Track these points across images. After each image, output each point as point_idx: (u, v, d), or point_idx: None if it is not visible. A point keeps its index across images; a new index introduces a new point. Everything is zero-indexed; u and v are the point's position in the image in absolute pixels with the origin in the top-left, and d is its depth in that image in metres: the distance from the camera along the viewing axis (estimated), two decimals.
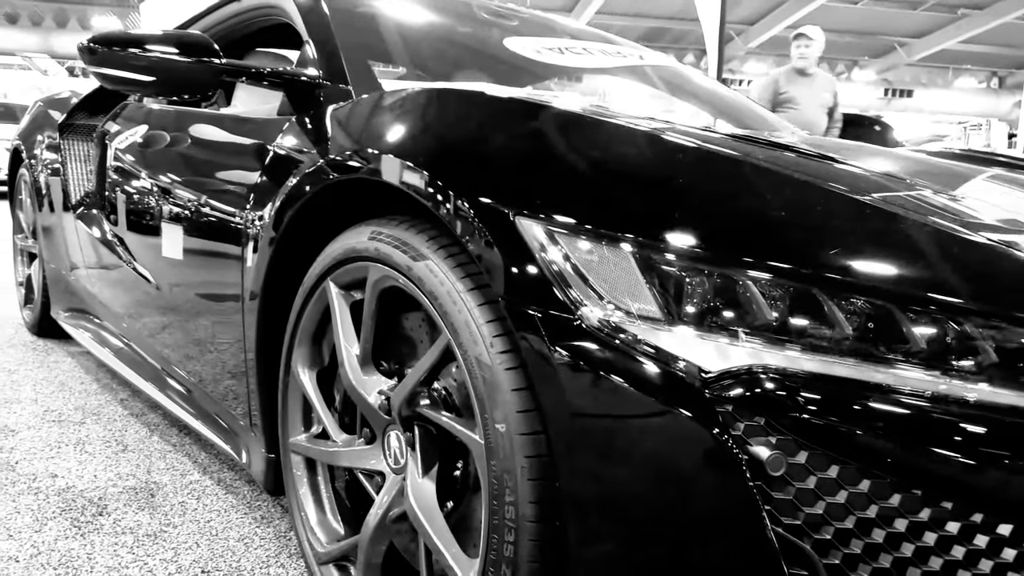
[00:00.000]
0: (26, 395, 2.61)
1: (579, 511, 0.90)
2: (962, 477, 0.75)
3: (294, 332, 1.39)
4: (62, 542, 1.66)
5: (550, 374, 0.90)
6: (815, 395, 0.79)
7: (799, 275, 0.83)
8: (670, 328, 0.85)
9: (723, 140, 1.10)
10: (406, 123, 1.25)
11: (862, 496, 0.77)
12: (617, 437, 0.86)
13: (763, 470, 0.79)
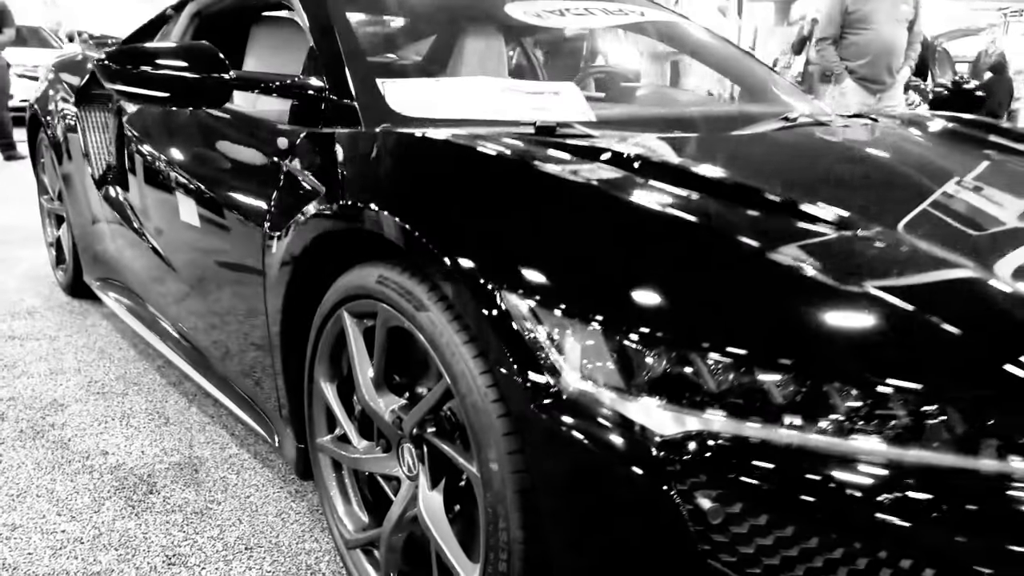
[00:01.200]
0: (69, 364, 2.80)
1: (558, 540, 1.07)
2: (864, 522, 0.90)
3: (314, 351, 1.54)
4: (119, 522, 1.86)
5: (531, 428, 1.04)
6: (749, 457, 0.93)
7: (738, 356, 0.95)
8: (630, 397, 0.98)
9: (687, 203, 1.20)
10: (408, 180, 1.35)
11: (786, 538, 0.92)
12: (584, 485, 1.02)
13: (704, 517, 0.94)
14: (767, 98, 2.41)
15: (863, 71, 4.56)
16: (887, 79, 4.58)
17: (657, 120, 1.82)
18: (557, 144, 1.44)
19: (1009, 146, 1.99)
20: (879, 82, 4.57)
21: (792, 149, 1.67)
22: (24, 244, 4.57)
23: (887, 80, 4.58)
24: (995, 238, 1.31)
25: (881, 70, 4.57)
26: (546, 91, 1.84)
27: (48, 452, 2.18)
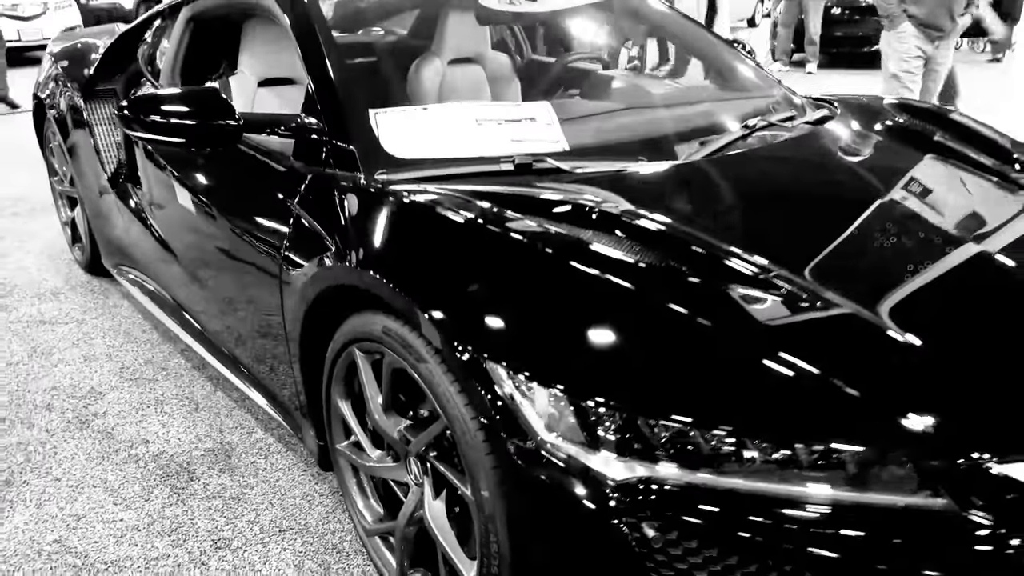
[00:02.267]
0: (100, 350, 3.06)
1: (536, 555, 1.35)
2: (765, 544, 1.17)
3: (330, 375, 1.79)
4: (168, 509, 2.16)
5: (512, 468, 1.30)
6: (682, 496, 1.20)
7: (674, 419, 1.21)
8: (588, 450, 1.24)
9: (635, 271, 1.43)
10: (404, 254, 1.57)
11: (711, 558, 1.20)
12: (555, 515, 1.28)
13: (648, 542, 1.21)
14: (730, 86, 2.59)
15: (921, 14, 4.38)
16: (947, 24, 4.38)
17: (621, 146, 2.01)
18: (529, 197, 1.66)
19: (952, 148, 2.18)
20: (938, 28, 4.39)
21: (736, 181, 1.88)
22: (34, 216, 4.77)
23: (947, 25, 4.38)
24: (908, 274, 1.55)
25: (942, 14, 4.36)
26: (522, 117, 2.02)
27: (96, 442, 2.46)
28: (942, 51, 4.53)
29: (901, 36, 4.48)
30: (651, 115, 2.32)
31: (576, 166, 1.85)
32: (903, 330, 1.36)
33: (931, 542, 1.19)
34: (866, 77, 10.28)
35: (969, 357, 1.35)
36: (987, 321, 1.45)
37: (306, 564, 1.93)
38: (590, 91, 2.77)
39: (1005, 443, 1.22)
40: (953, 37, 4.52)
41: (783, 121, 2.22)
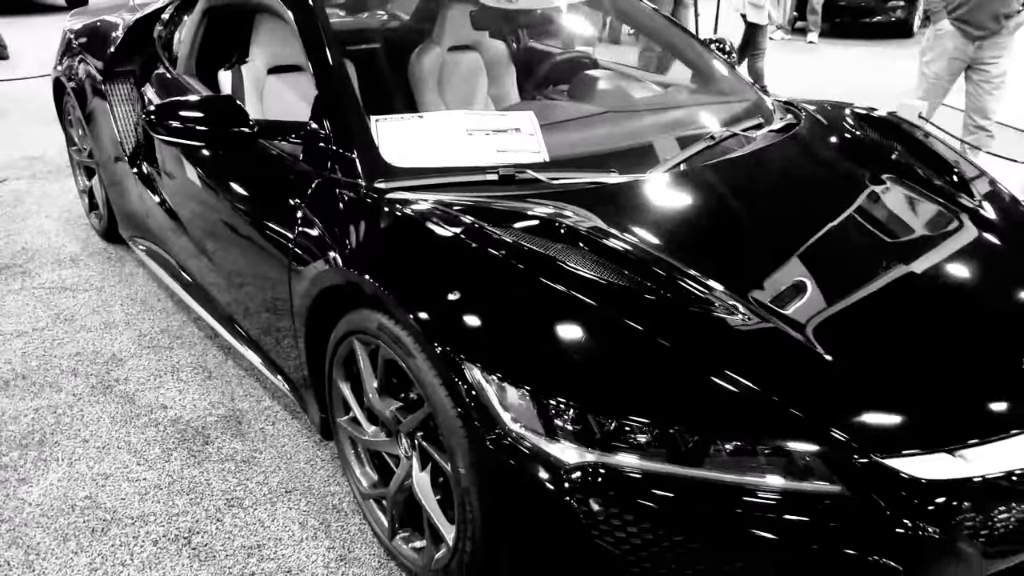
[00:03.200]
0: (119, 317, 3.31)
1: (504, 522, 1.60)
2: (681, 516, 1.43)
3: (332, 359, 2.03)
4: (187, 470, 2.42)
5: (484, 452, 1.55)
6: (622, 478, 1.44)
7: (616, 415, 1.45)
8: (547, 439, 1.48)
9: (596, 286, 1.65)
10: (397, 262, 1.80)
11: (646, 528, 1.45)
12: (519, 491, 1.53)
13: (593, 514, 1.46)
14: (706, 90, 2.80)
15: (963, 11, 4.21)
16: (989, 24, 4.16)
17: (595, 159, 2.21)
18: (507, 211, 1.88)
19: (906, 166, 2.39)
20: (981, 27, 4.19)
21: (695, 196, 2.09)
22: (51, 178, 4.98)
23: (990, 27, 4.16)
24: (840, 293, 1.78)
25: (985, 14, 4.16)
26: (508, 128, 2.23)
27: (118, 407, 2.72)
28: (988, 54, 4.22)
29: (940, 33, 4.31)
30: (627, 124, 2.50)
31: (553, 177, 2.06)
32: (822, 345, 1.59)
33: (828, 520, 1.44)
34: (866, 48, 10.38)
35: (874, 370, 1.59)
36: (896, 337, 1.68)
37: (309, 522, 2.19)
38: (576, 90, 2.97)
39: (891, 443, 1.46)
40: (1001, 39, 4.21)
41: (749, 130, 2.42)
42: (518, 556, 1.63)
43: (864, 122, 2.66)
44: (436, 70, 3.11)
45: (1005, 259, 2.02)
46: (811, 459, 1.45)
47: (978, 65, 4.31)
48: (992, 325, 1.76)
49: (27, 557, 2.09)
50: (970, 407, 1.56)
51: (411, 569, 1.95)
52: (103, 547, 2.12)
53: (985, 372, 1.64)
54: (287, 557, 2.07)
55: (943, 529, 1.45)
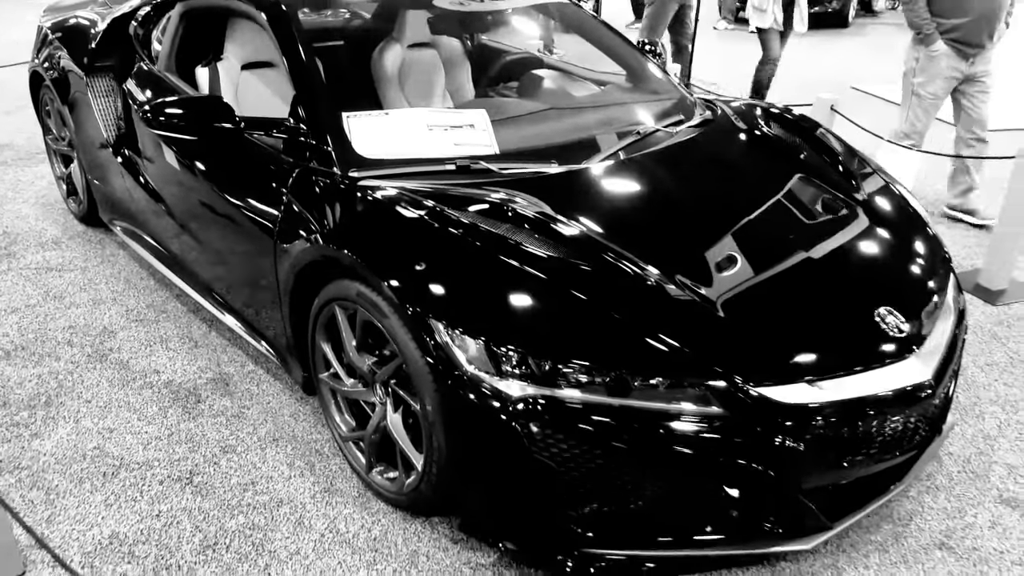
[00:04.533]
0: (105, 295, 3.60)
1: (462, 445, 2.00)
2: (601, 434, 1.82)
3: (315, 323, 2.39)
4: (183, 424, 2.76)
5: (447, 391, 1.94)
6: (555, 406, 1.84)
7: (551, 359, 1.85)
8: (497, 378, 1.87)
9: (538, 255, 2.04)
10: (370, 238, 2.16)
11: (573, 443, 1.85)
12: (474, 420, 1.92)
13: (533, 435, 1.86)
14: (637, 88, 3.20)
15: (958, 33, 4.15)
16: (986, 43, 4.16)
17: (539, 151, 2.59)
18: (463, 196, 2.26)
19: (808, 161, 2.82)
20: (976, 45, 4.17)
21: (622, 184, 2.49)
22: (21, 164, 5.20)
23: (985, 44, 4.16)
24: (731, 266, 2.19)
25: (980, 32, 4.13)
26: (463, 124, 2.61)
27: (115, 372, 3.04)
28: (980, 68, 4.27)
29: (934, 55, 4.24)
30: (567, 120, 2.89)
31: (503, 167, 2.45)
32: (721, 306, 2.01)
33: (719, 436, 1.86)
34: (804, 37, 10.91)
35: (755, 325, 2.01)
36: (777, 301, 2.11)
37: (296, 463, 2.56)
38: (524, 88, 3.35)
39: (765, 377, 1.89)
40: (990, 53, 4.26)
41: (670, 126, 2.83)
42: (475, 473, 2.02)
43: (774, 120, 3.10)
44: (397, 66, 3.44)
45: (876, 243, 2.45)
46: (705, 390, 1.86)
47: (973, 79, 4.31)
48: (853, 292, 2.20)
49: (48, 496, 2.41)
50: (826, 350, 2.00)
51: (386, 495, 2.33)
52: (115, 487, 2.45)
53: (840, 325, 2.08)
54: (278, 491, 2.44)
55: (803, 442, 1.89)
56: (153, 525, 2.29)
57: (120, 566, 2.15)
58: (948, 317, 2.32)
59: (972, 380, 3.06)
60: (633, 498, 1.91)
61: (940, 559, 2.22)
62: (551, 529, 1.95)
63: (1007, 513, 2.40)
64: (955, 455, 2.64)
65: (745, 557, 2.14)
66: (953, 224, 4.60)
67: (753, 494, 1.93)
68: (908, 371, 2.04)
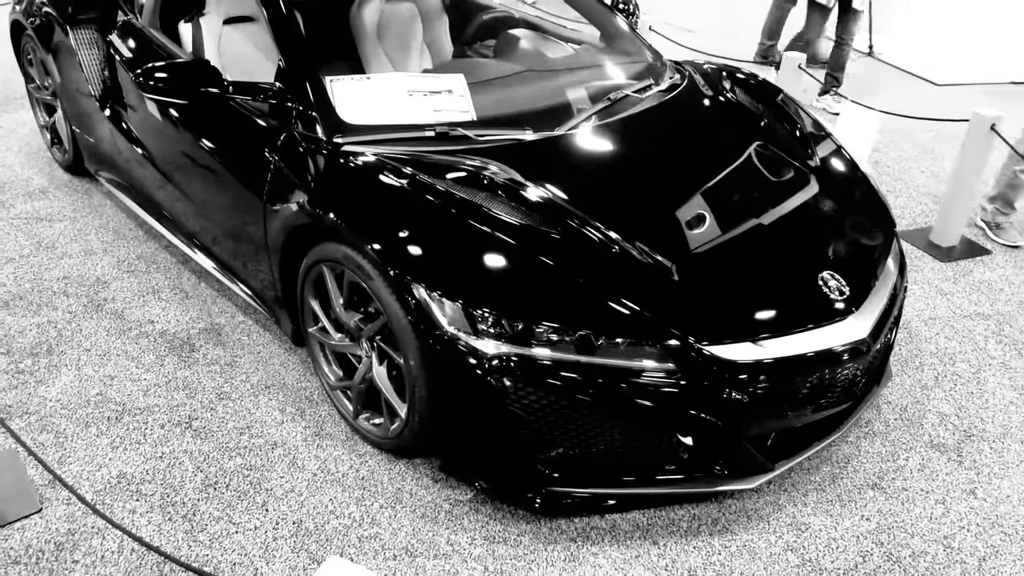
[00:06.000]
0: (96, 246, 3.73)
1: (441, 395, 2.20)
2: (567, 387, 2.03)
3: (303, 281, 2.56)
4: (179, 371, 2.94)
5: (429, 348, 2.13)
6: (526, 362, 2.04)
7: (524, 319, 2.04)
8: (474, 337, 2.06)
9: (514, 223, 2.21)
10: (355, 203, 2.31)
11: (542, 394, 2.06)
12: (452, 374, 2.11)
13: (506, 388, 2.06)
14: (608, 50, 3.34)
15: None
16: None
17: (513, 117, 2.73)
18: (444, 164, 2.41)
19: (768, 126, 2.98)
20: None
21: (590, 150, 2.64)
22: (1, 111, 5.22)
23: None
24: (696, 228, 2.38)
25: None
26: (442, 89, 2.74)
27: (111, 322, 3.20)
28: None
29: None
30: (542, 84, 3.02)
31: (479, 134, 2.59)
32: (678, 271, 2.20)
33: (671, 389, 2.07)
34: None
35: (708, 288, 2.21)
36: (730, 266, 2.30)
37: (287, 409, 2.76)
38: (500, 49, 3.46)
39: (714, 336, 2.10)
40: None
41: (640, 91, 2.98)
42: (454, 421, 2.23)
43: (738, 86, 3.25)
44: (375, 21, 3.53)
45: (825, 208, 2.65)
46: (662, 349, 2.07)
47: None
48: (800, 257, 2.40)
49: (57, 439, 2.60)
50: (771, 312, 2.21)
51: (372, 440, 2.54)
52: (119, 430, 2.64)
53: (786, 289, 2.29)
54: (272, 435, 2.64)
55: (748, 395, 2.11)
56: (157, 466, 2.49)
57: (129, 503, 2.35)
58: (888, 278, 2.53)
59: (915, 333, 3.30)
60: (596, 444, 2.13)
61: (872, 498, 2.48)
62: (522, 470, 2.18)
63: (935, 457, 2.66)
64: (893, 404, 2.89)
65: (696, 495, 2.38)
66: (911, 183, 4.81)
67: (703, 440, 2.16)
68: (846, 330, 2.26)
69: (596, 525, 2.31)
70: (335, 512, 2.34)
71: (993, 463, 2.64)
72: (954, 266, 3.86)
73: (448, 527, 2.30)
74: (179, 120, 3.05)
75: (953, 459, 2.64)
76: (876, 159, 5.02)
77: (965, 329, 3.36)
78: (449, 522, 2.31)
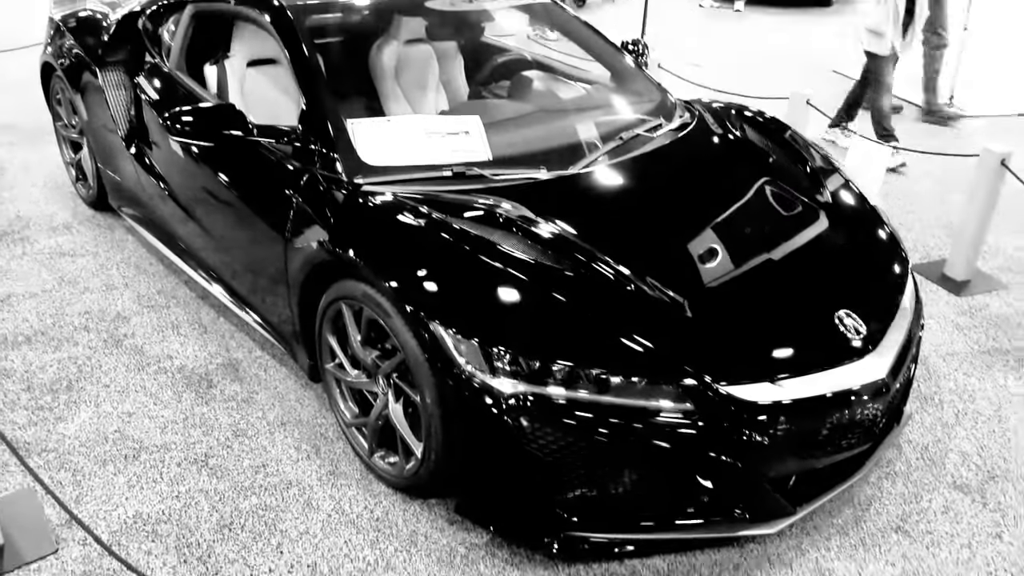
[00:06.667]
0: (117, 280, 3.77)
1: (457, 435, 2.19)
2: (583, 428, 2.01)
3: (322, 318, 2.57)
4: (197, 408, 2.95)
5: (445, 386, 2.13)
6: (543, 402, 2.03)
7: (539, 359, 2.03)
8: (490, 376, 2.06)
9: (529, 262, 2.21)
10: (374, 242, 2.33)
11: (559, 435, 2.04)
12: (469, 414, 2.11)
13: (522, 428, 2.05)
14: (620, 90, 3.36)
15: None
16: None
17: (528, 157, 2.75)
18: (459, 203, 2.43)
19: (778, 163, 2.98)
20: None
21: (603, 190, 2.65)
22: (28, 146, 5.33)
23: None
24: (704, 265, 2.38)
25: None
26: (459, 130, 2.77)
27: (130, 357, 3.22)
28: None
29: None
30: (555, 124, 3.04)
31: (495, 173, 2.61)
32: (691, 309, 2.19)
33: (691, 430, 2.05)
34: (787, 16, 11.01)
35: (724, 327, 2.20)
36: (744, 304, 2.29)
37: (303, 446, 2.76)
38: (514, 90, 3.50)
39: (730, 375, 2.08)
40: None
41: (651, 130, 3.00)
42: (470, 460, 2.22)
43: (747, 123, 3.26)
44: (393, 62, 3.59)
45: (837, 244, 2.64)
46: (677, 388, 2.06)
47: None
48: (815, 294, 2.39)
49: (75, 478, 2.61)
50: (788, 351, 2.19)
51: (387, 479, 2.53)
52: (136, 468, 2.65)
53: (802, 328, 2.27)
54: (287, 473, 2.64)
55: (768, 437, 2.09)
56: (173, 505, 2.49)
57: (145, 544, 2.35)
58: (905, 316, 2.51)
59: (933, 369, 3.26)
60: (614, 486, 2.11)
61: (896, 542, 2.43)
62: (539, 513, 2.16)
63: (959, 498, 2.61)
64: (914, 442, 2.85)
65: (716, 540, 2.35)
66: (923, 217, 4.78)
67: (723, 483, 2.13)
68: (864, 370, 2.23)
69: (615, 571, 2.28)
70: (349, 555, 2.32)
71: (1018, 504, 2.58)
72: (969, 300, 3.82)
73: (464, 572, 2.28)
74: (202, 158, 3.09)
75: (977, 500, 2.60)
76: (886, 191, 5.01)
77: (984, 365, 3.31)
78: (465, 567, 2.29)
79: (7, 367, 3.13)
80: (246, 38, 3.41)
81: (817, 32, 10.15)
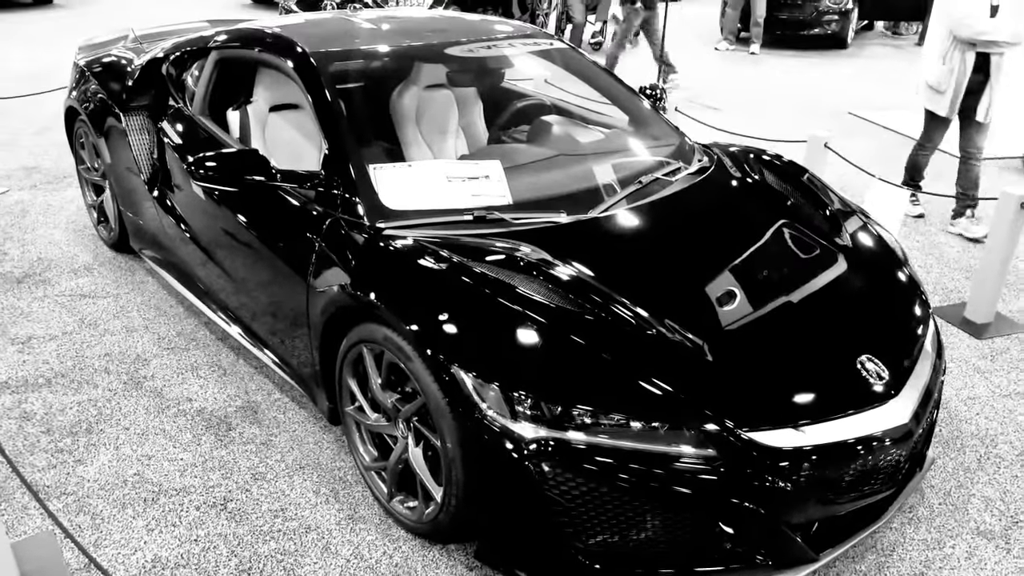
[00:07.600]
0: (137, 322, 3.81)
1: (479, 481, 2.19)
2: (608, 474, 2.01)
3: (343, 361, 2.59)
4: (216, 451, 2.96)
5: (467, 431, 2.13)
6: (565, 447, 2.03)
7: (560, 404, 2.04)
8: (512, 421, 2.06)
9: (549, 305, 2.24)
10: (396, 286, 2.36)
11: (581, 480, 2.04)
12: (490, 459, 2.11)
13: (544, 473, 2.05)
14: (638, 134, 3.40)
15: None
16: None
17: (548, 201, 2.79)
18: (480, 247, 2.45)
19: (796, 206, 3.01)
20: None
21: (623, 233, 2.68)
22: (50, 189, 5.42)
23: None
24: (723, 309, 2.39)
25: None
26: (479, 175, 2.81)
27: (150, 400, 3.24)
28: None
29: None
30: (573, 168, 3.08)
31: (515, 217, 2.64)
32: (712, 353, 2.20)
33: (712, 476, 2.05)
34: (803, 58, 11.12)
35: (745, 371, 2.20)
36: (765, 348, 2.30)
37: (321, 490, 2.75)
38: (534, 135, 3.55)
39: (752, 420, 2.08)
40: None
41: (669, 175, 3.03)
42: (490, 506, 2.22)
43: (764, 167, 3.29)
44: (414, 107, 3.65)
45: (857, 287, 2.65)
46: (699, 433, 2.06)
47: None
48: (836, 339, 2.39)
49: (94, 521, 2.61)
50: (811, 396, 2.19)
51: (406, 524, 2.52)
52: (155, 512, 2.65)
53: (824, 372, 2.27)
54: (306, 517, 2.63)
55: (791, 483, 2.08)
56: (192, 549, 2.49)
57: None
58: (927, 359, 2.50)
59: (954, 414, 3.24)
60: (635, 532, 2.10)
61: None
62: (560, 560, 2.15)
63: (983, 545, 2.58)
64: (936, 488, 2.82)
65: None
66: (941, 258, 4.78)
67: (745, 529, 2.12)
68: (887, 415, 2.23)
69: None
70: None
71: None
72: (990, 343, 3.81)
73: None
74: (224, 201, 3.14)
75: (1001, 547, 2.56)
76: (906, 232, 5.02)
77: (1005, 409, 3.29)
78: None
79: (28, 409, 3.15)
80: (269, 84, 3.49)
81: (833, 74, 10.25)
